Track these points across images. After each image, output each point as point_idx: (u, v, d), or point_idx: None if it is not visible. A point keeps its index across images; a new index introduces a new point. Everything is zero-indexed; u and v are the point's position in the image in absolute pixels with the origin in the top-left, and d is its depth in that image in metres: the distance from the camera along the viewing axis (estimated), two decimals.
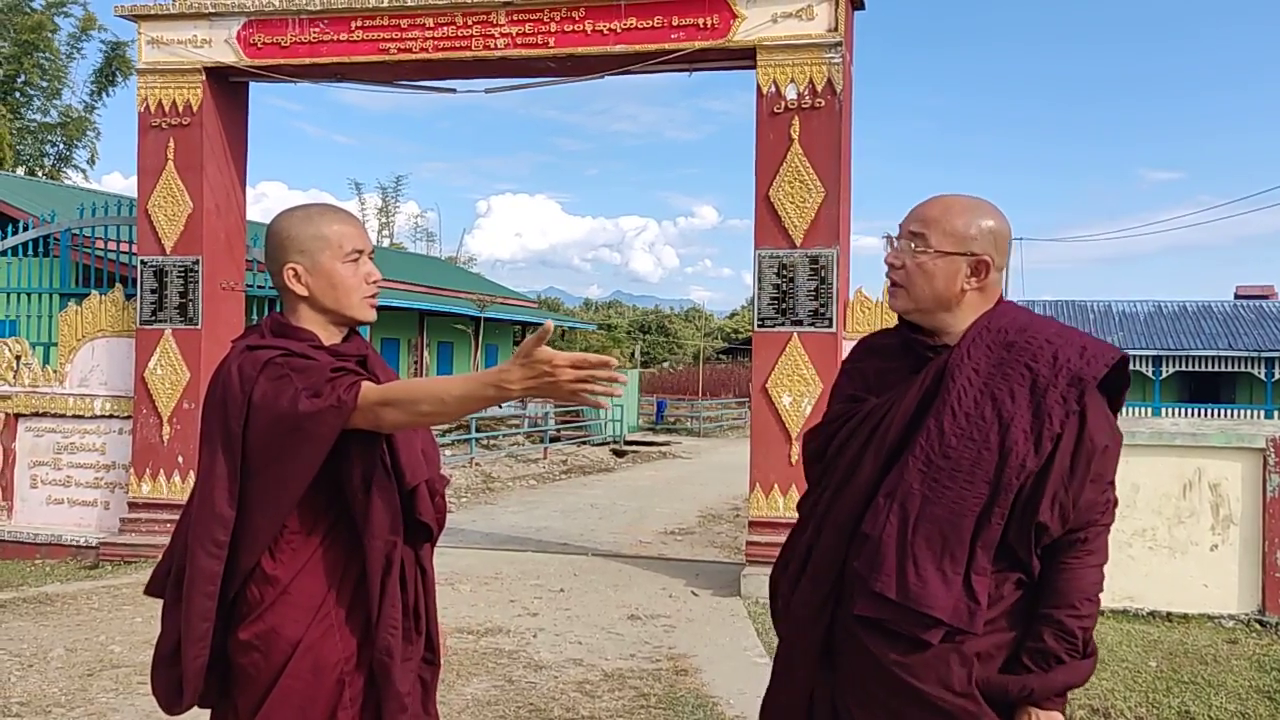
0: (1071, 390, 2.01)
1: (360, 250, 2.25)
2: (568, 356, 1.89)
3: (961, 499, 2.01)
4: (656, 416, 30.69)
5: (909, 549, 2.02)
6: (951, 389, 2.06)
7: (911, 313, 2.15)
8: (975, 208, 2.13)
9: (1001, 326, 2.10)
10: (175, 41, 8.70)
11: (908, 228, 2.14)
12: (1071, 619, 2.02)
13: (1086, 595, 2.05)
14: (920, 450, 2.05)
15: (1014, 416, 2.01)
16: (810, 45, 7.71)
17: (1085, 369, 2.02)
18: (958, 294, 2.10)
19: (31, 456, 9.38)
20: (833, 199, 7.71)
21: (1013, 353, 2.06)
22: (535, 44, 8.14)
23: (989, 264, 2.10)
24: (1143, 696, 5.28)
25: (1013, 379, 2.04)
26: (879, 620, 2.04)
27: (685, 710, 5.00)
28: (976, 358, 2.07)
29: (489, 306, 25.75)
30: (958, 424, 2.03)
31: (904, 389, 2.11)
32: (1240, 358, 30.13)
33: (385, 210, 44.43)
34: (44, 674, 5.41)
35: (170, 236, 8.76)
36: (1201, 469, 7.02)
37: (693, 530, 11.20)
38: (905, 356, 2.18)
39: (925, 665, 2.02)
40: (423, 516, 2.24)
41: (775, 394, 7.77)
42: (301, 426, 2.05)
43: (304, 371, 2.10)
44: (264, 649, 2.15)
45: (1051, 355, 2.04)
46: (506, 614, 6.81)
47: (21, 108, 31.08)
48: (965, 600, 2.00)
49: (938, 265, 2.09)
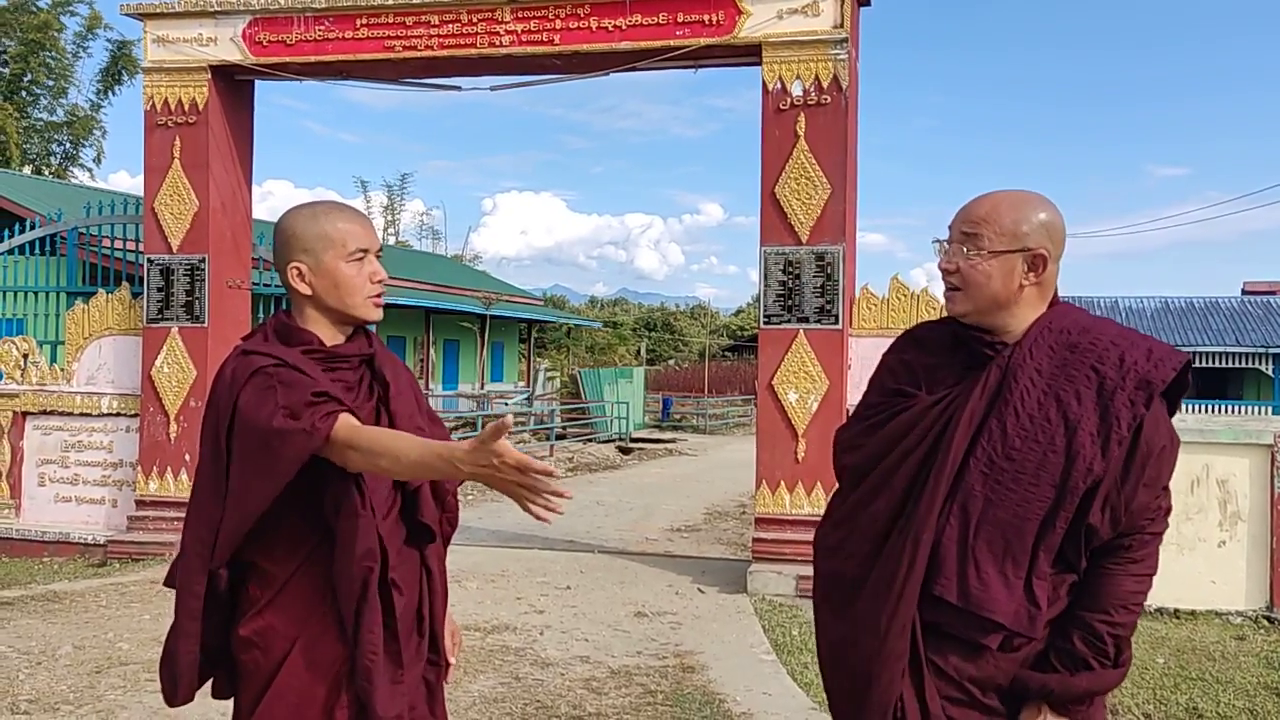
0: (1140, 394, 1.96)
1: (365, 249, 2.23)
2: (516, 458, 1.87)
3: (1026, 502, 1.97)
4: (662, 414, 30.69)
5: (970, 552, 1.98)
6: (1014, 389, 2.01)
7: (970, 315, 2.09)
8: (1025, 202, 2.08)
9: (1063, 327, 2.06)
10: (181, 40, 8.72)
11: (959, 229, 2.09)
12: (1103, 624, 1.98)
13: (1123, 603, 1.99)
14: (982, 452, 2.00)
15: (1080, 419, 1.96)
16: (816, 41, 7.70)
17: (1154, 372, 1.97)
18: (1015, 291, 2.05)
19: (39, 455, 9.41)
20: (838, 196, 7.69)
21: (1076, 354, 2.02)
22: (540, 41, 8.14)
23: (1046, 257, 2.05)
24: (1150, 693, 5.28)
25: (1078, 381, 1.99)
26: (937, 624, 2.01)
27: (692, 707, 5.00)
28: (1039, 358, 2.03)
29: (495, 304, 25.76)
30: (1021, 426, 1.99)
31: (966, 388, 2.06)
32: (1248, 354, 30.03)
33: (391, 208, 44.42)
34: (52, 671, 5.43)
35: (177, 235, 8.78)
36: (1209, 465, 7.00)
37: (699, 527, 11.20)
38: (957, 353, 2.13)
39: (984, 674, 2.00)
40: (423, 518, 2.23)
41: (781, 391, 7.76)
42: (270, 443, 2.04)
43: (290, 386, 2.08)
44: (262, 646, 2.15)
45: (1118, 358, 1.99)
46: (513, 611, 6.82)
47: (28, 106, 31.15)
48: (1026, 605, 1.96)
49: (993, 265, 2.04)
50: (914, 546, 2.01)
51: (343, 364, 2.23)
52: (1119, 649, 2.00)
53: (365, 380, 2.28)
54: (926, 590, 2.00)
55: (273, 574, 2.16)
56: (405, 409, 2.28)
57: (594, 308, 62.25)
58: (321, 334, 2.24)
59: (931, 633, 2.02)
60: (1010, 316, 2.07)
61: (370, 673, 2.11)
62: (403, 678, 2.16)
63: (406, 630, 2.20)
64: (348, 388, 2.22)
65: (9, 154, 28.00)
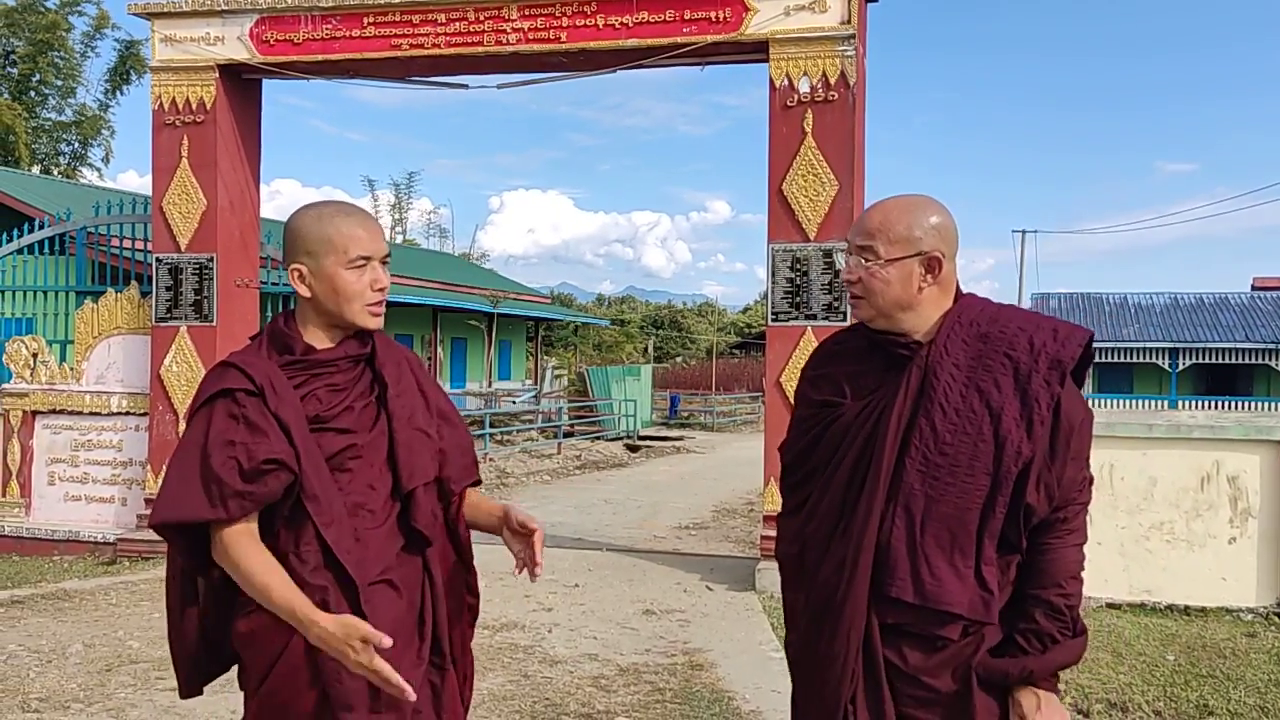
0: (1053, 373, 2.04)
1: (367, 256, 2.18)
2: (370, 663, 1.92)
3: (965, 493, 2.03)
4: (670, 411, 30.67)
5: (919, 549, 2.04)
6: (937, 386, 2.08)
7: (876, 319, 2.17)
8: (916, 207, 2.15)
9: (972, 319, 2.13)
10: (188, 39, 8.73)
11: (855, 243, 2.17)
12: (1060, 598, 2.06)
13: (1071, 574, 2.08)
14: (916, 450, 2.06)
15: (1003, 406, 2.04)
16: (823, 38, 7.68)
17: (1062, 351, 2.06)
18: (915, 295, 2.12)
19: (49, 454, 9.44)
20: (846, 192, 7.68)
21: (989, 344, 2.09)
22: (547, 39, 8.13)
23: (940, 259, 2.12)
24: (1161, 690, 5.26)
25: (995, 369, 2.07)
26: (898, 626, 2.06)
27: (701, 705, 4.99)
28: (955, 353, 2.10)
29: (502, 303, 25.76)
30: (949, 420, 2.05)
31: (890, 390, 2.12)
32: (1258, 350, 29.92)
33: (398, 207, 44.50)
34: (62, 670, 5.45)
35: (185, 234, 8.80)
36: (1219, 462, 6.97)
37: (707, 525, 11.20)
38: (875, 356, 2.20)
39: (942, 666, 2.06)
40: (417, 524, 2.20)
41: (789, 388, 7.74)
42: (210, 486, 2.05)
43: (254, 431, 2.07)
44: (257, 643, 2.13)
45: (1028, 342, 2.07)
46: (521, 609, 6.82)
47: (37, 106, 31.25)
48: (980, 592, 2.03)
49: (891, 272, 2.11)
50: (855, 552, 2.08)
51: (327, 369, 2.20)
52: (1075, 618, 2.09)
53: (364, 380, 2.24)
54: (881, 593, 2.06)
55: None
56: (404, 410, 2.25)
57: (601, 306, 62.26)
58: (316, 337, 2.21)
59: (890, 633, 2.07)
60: (916, 317, 2.14)
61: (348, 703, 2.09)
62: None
63: (407, 634, 2.17)
64: (335, 389, 2.20)
65: (18, 154, 28.10)
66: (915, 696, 2.06)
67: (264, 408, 2.09)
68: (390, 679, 1.91)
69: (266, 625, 2.11)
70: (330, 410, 2.17)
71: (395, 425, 2.22)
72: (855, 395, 2.18)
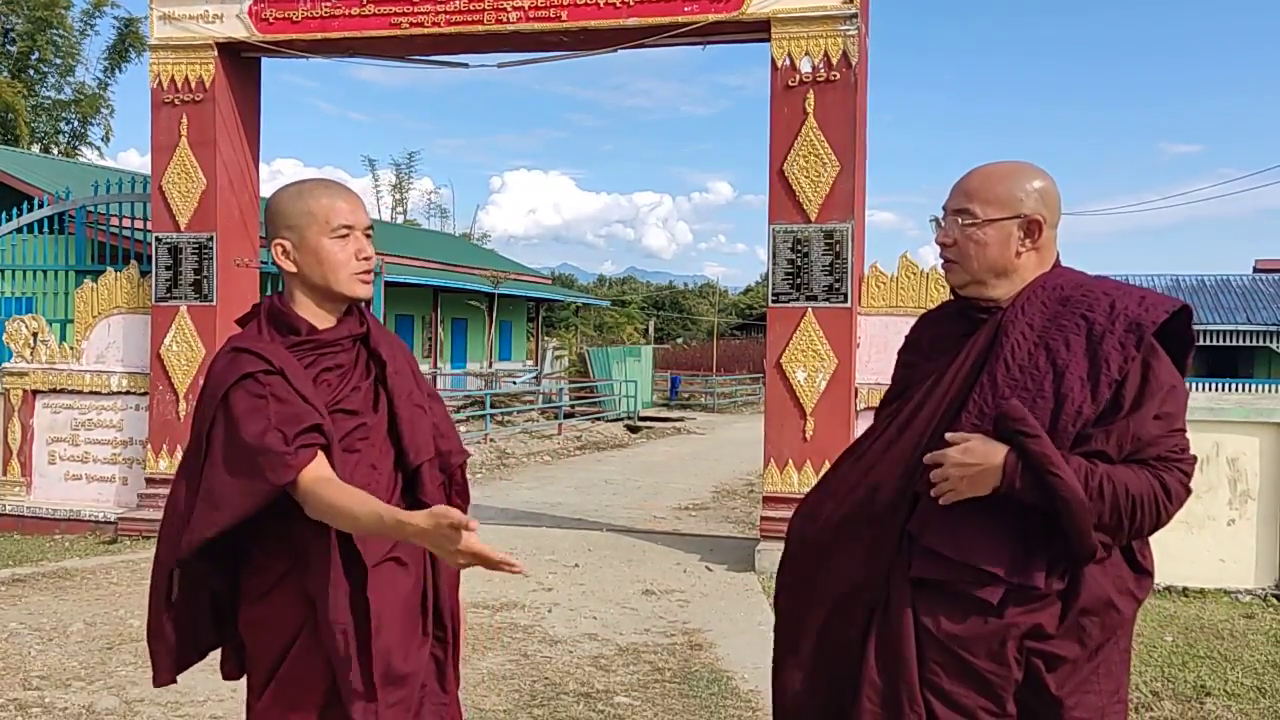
0: (1130, 336, 1.94)
1: (350, 226, 2.18)
2: (476, 549, 1.83)
3: None
4: (671, 392, 30.69)
5: (963, 503, 1.97)
6: (1005, 344, 2.02)
7: (969, 285, 2.10)
8: (1017, 171, 2.09)
9: (1057, 285, 2.06)
10: (187, 17, 8.68)
11: (951, 205, 2.11)
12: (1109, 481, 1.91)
13: (1140, 489, 1.93)
14: (973, 404, 2.01)
15: (1069, 364, 1.96)
16: (825, 17, 7.63)
17: (1144, 315, 1.96)
18: (1013, 258, 2.06)
19: (49, 433, 9.44)
20: (847, 173, 7.64)
21: (1068, 306, 2.02)
22: (548, 18, 8.08)
23: (1041, 223, 2.06)
24: (1159, 671, 5.27)
25: (1068, 329, 1.99)
26: (936, 581, 1.98)
27: (700, 684, 5.01)
28: (1031, 313, 2.03)
29: (503, 283, 25.73)
30: (1011, 376, 1.99)
31: (958, 349, 2.09)
32: (1259, 332, 29.88)
33: (399, 187, 44.37)
34: (64, 648, 5.47)
35: (184, 213, 8.77)
36: (1219, 444, 6.98)
37: (707, 505, 11.22)
38: (958, 322, 2.16)
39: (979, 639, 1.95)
40: (424, 498, 2.20)
41: (790, 369, 7.74)
42: (257, 459, 2.01)
43: (284, 402, 2.05)
44: (265, 633, 2.14)
45: (1109, 305, 1.99)
46: (521, 589, 6.84)
47: (36, 85, 31.14)
48: (1019, 553, 1.94)
49: (988, 234, 2.05)
50: (893, 480, 2.04)
51: (333, 349, 2.19)
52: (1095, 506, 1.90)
53: (361, 359, 2.24)
54: (919, 546, 2.00)
55: (270, 566, 2.14)
56: (404, 386, 2.25)
57: (602, 286, 62.21)
58: (311, 314, 2.20)
59: (924, 593, 1.99)
60: (1011, 284, 2.08)
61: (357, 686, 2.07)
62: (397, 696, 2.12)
63: (414, 609, 2.18)
64: (342, 371, 2.19)
65: (18, 132, 28.02)
66: (944, 665, 1.96)
67: (288, 385, 2.07)
68: (492, 555, 1.84)
69: (275, 613, 2.12)
70: (340, 393, 2.17)
71: (397, 403, 2.22)
72: (933, 358, 2.15)
